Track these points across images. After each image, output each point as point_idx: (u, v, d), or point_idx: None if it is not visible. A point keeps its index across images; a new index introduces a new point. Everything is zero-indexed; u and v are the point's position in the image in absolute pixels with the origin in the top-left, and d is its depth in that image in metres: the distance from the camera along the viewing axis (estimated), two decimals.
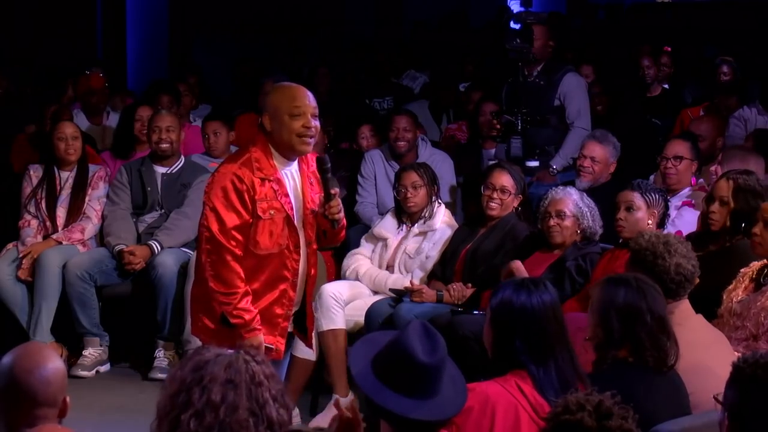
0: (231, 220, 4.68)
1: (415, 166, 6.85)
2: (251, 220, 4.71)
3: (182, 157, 7.43)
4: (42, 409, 3.13)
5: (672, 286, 4.46)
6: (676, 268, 4.50)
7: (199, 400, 2.83)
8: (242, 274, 4.69)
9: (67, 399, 3.21)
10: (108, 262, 7.14)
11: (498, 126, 7.57)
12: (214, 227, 4.67)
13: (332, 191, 4.82)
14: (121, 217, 7.28)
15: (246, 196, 4.69)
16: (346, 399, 6.29)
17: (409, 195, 6.73)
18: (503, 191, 6.42)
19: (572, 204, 6.01)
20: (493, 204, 6.43)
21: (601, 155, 6.86)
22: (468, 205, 7.55)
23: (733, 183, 5.54)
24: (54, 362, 3.19)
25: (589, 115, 7.75)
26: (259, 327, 4.72)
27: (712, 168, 6.62)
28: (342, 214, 4.88)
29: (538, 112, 7.37)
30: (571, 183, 6.69)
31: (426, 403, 3.42)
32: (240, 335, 4.66)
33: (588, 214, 6.00)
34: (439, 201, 6.85)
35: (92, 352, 7.09)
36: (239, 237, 4.69)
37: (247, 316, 4.68)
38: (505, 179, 6.44)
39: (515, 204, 6.47)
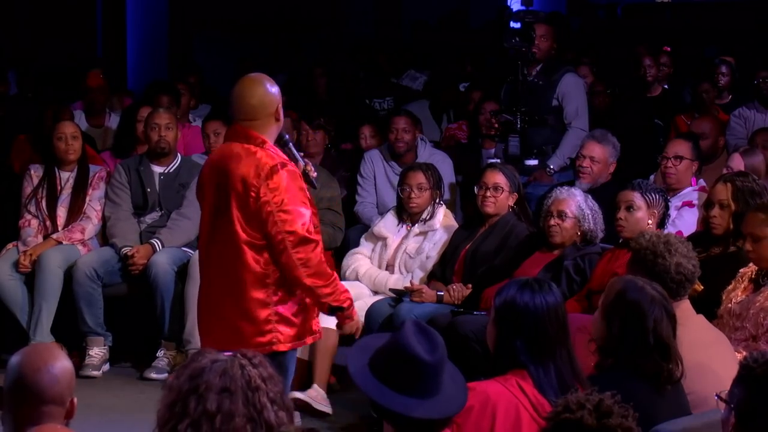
0: (307, 212, 4.68)
1: (423, 167, 6.83)
2: None
3: (179, 156, 7.45)
4: (49, 406, 3.13)
5: (672, 286, 4.46)
6: (677, 268, 4.50)
7: (195, 409, 2.84)
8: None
9: (74, 400, 3.21)
10: (114, 263, 7.16)
11: (496, 125, 7.58)
12: (299, 227, 4.63)
13: (300, 154, 5.01)
14: (125, 218, 7.29)
15: (303, 186, 4.74)
16: (318, 389, 6.26)
17: (412, 195, 6.73)
18: (496, 189, 6.43)
19: (575, 205, 6.00)
20: (488, 202, 6.43)
21: (600, 155, 6.86)
22: (466, 205, 7.56)
23: (731, 186, 5.55)
24: (62, 361, 3.20)
25: (587, 115, 7.75)
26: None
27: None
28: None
29: (536, 111, 7.38)
30: (569, 183, 6.69)
31: (429, 402, 3.42)
32: (349, 316, 4.78)
33: (590, 216, 6.00)
34: (440, 202, 6.85)
35: (98, 351, 7.09)
36: (313, 227, 4.72)
37: (349, 295, 4.77)
38: (497, 177, 6.44)
39: (511, 202, 6.47)
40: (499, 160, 7.15)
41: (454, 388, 3.51)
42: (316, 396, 6.19)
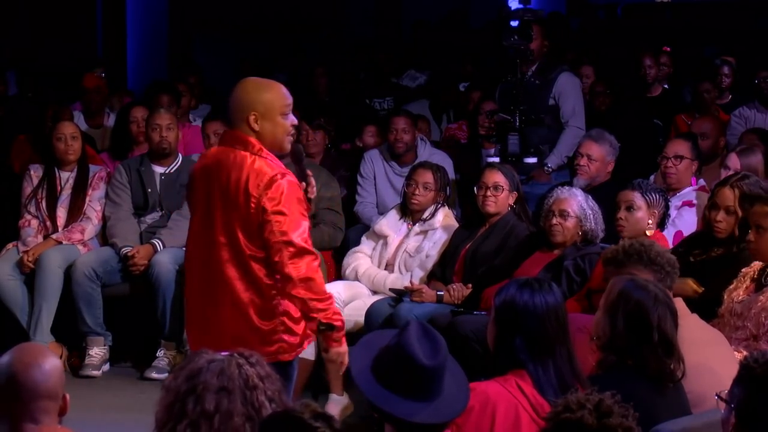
0: (305, 223, 4.51)
1: (433, 168, 6.84)
2: None
3: (179, 156, 7.47)
4: (44, 401, 3.15)
5: (669, 269, 4.52)
6: (665, 254, 4.56)
7: (194, 410, 2.84)
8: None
9: (67, 396, 3.23)
10: (113, 263, 7.16)
11: (492, 125, 7.58)
12: (296, 237, 4.44)
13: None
14: (125, 218, 7.30)
15: (302, 197, 4.58)
16: (340, 398, 6.29)
17: (416, 192, 6.74)
18: (496, 188, 6.43)
19: (576, 205, 6.01)
20: (488, 201, 6.43)
21: (597, 154, 6.87)
22: (465, 204, 7.56)
23: (738, 191, 5.53)
24: (52, 358, 3.24)
25: (583, 114, 7.77)
26: None
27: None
28: None
29: (533, 111, 7.39)
30: (567, 183, 6.70)
31: (430, 405, 3.42)
32: (338, 340, 4.51)
33: (591, 216, 6.00)
34: (443, 204, 6.85)
35: (98, 351, 7.10)
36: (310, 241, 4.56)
37: (342, 318, 4.55)
38: (496, 176, 6.45)
39: (511, 201, 6.47)
40: (498, 159, 7.16)
41: (456, 388, 3.51)
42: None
